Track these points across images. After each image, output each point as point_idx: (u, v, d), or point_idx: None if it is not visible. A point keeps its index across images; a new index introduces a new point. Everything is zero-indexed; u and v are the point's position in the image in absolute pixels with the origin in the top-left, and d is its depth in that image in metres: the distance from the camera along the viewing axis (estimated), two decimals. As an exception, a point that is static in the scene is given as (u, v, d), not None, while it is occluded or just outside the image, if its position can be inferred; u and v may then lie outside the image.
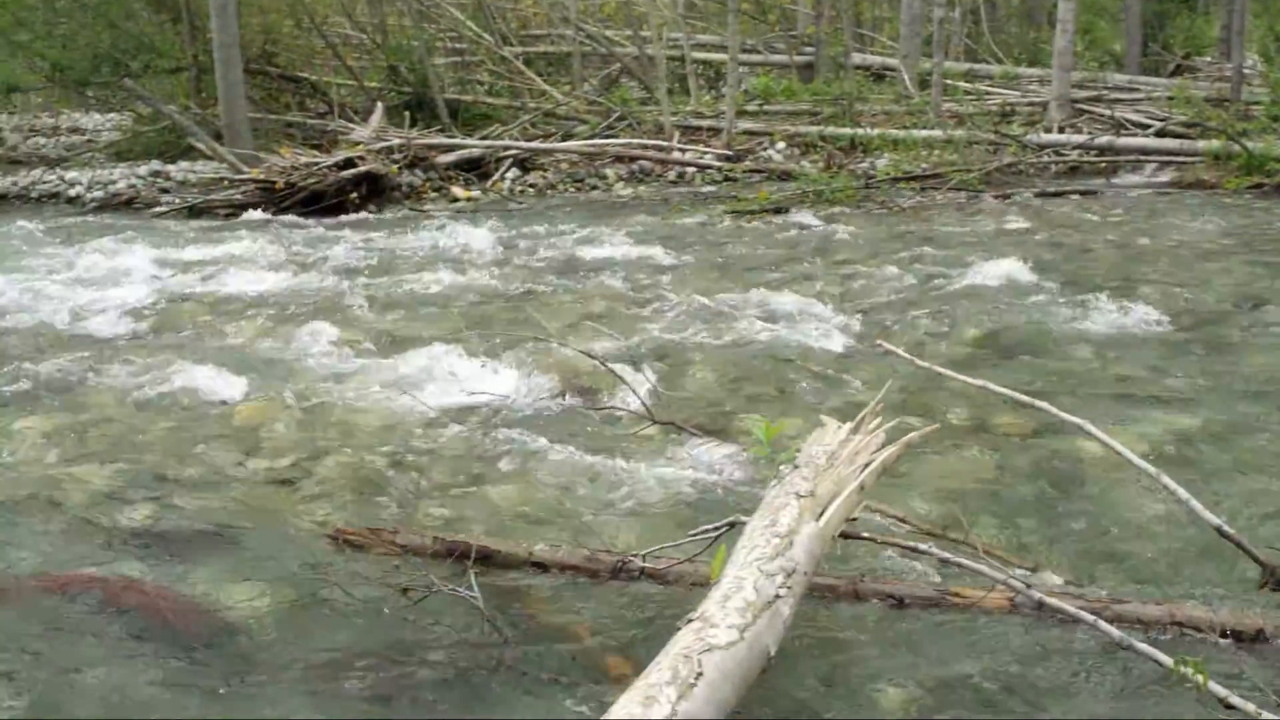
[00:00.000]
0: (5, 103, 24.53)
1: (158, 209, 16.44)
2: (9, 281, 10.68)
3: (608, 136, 19.40)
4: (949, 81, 20.36)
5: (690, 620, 3.05)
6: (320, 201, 15.64)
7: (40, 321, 9.42)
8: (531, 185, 17.60)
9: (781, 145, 18.83)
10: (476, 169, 17.96)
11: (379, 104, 19.61)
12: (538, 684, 4.00)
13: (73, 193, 17.88)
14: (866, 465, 4.13)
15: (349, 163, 16.17)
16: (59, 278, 10.99)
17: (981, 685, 3.92)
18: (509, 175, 17.86)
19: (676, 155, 18.34)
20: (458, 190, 17.02)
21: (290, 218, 15.16)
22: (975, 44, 27.66)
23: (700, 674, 2.78)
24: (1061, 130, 18.13)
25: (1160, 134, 17.77)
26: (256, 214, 15.44)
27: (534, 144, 18.95)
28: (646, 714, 2.59)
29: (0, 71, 22.97)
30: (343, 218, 15.24)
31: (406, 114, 19.61)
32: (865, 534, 4.19)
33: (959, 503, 5.29)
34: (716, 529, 4.11)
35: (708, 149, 18.51)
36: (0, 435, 6.69)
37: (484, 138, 19.27)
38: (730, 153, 18.20)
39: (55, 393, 7.48)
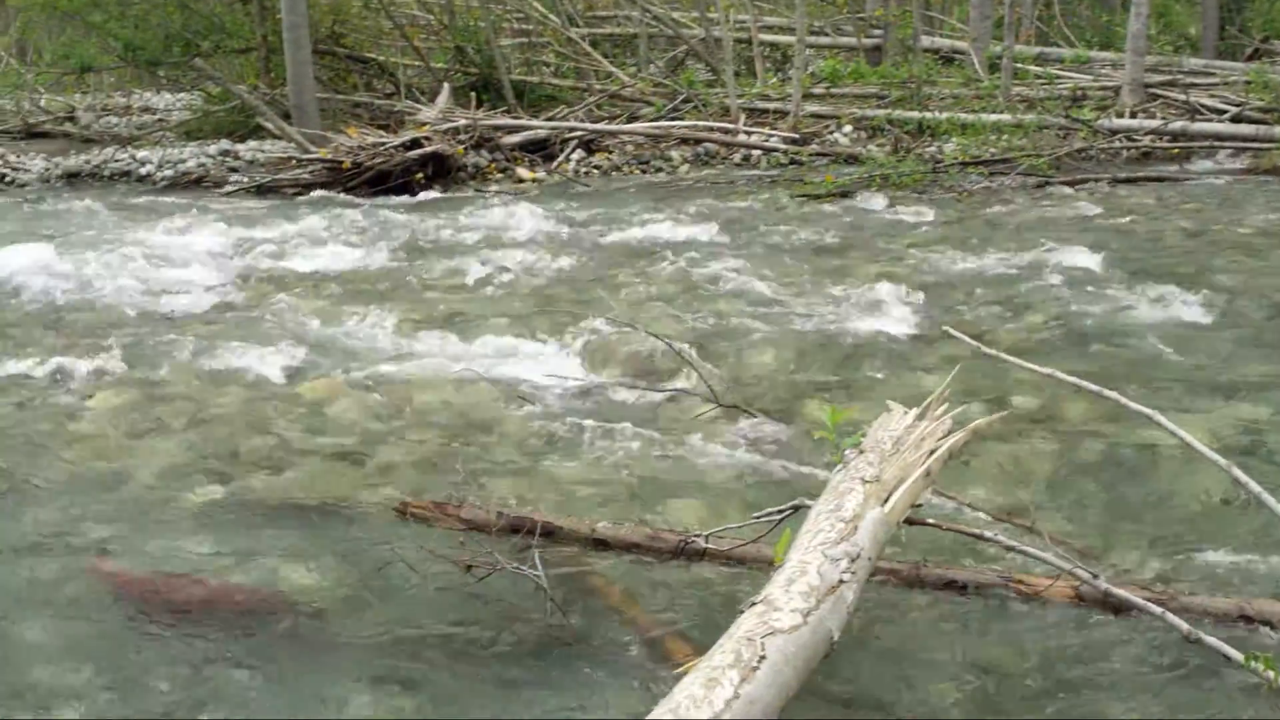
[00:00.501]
0: (79, 82, 24.88)
1: (226, 188, 16.62)
2: (82, 258, 10.83)
3: (673, 119, 19.35)
4: (1019, 65, 20.09)
5: (754, 603, 3.05)
6: (386, 181, 15.73)
7: (111, 298, 9.55)
8: (596, 167, 17.60)
9: (848, 128, 18.69)
10: (542, 150, 17.98)
11: (445, 85, 19.69)
12: (599, 664, 4.02)
13: (143, 171, 18.11)
14: (932, 451, 4.10)
15: (415, 143, 16.25)
16: (130, 255, 11.13)
17: (1043, 676, 3.89)
18: (574, 157, 17.86)
19: (742, 138, 18.25)
20: (523, 171, 17.06)
21: (357, 197, 15.26)
22: (1046, 27, 27.27)
23: (763, 657, 2.78)
24: (1134, 115, 17.84)
25: (1236, 119, 17.43)
26: (323, 193, 15.57)
27: (599, 125, 18.95)
28: (709, 695, 2.60)
29: (74, 52, 23.34)
30: (408, 198, 15.32)
31: (473, 95, 19.66)
32: (930, 520, 4.17)
33: (1024, 491, 5.25)
34: (780, 512, 4.10)
35: (774, 132, 18.41)
36: (72, 409, 6.81)
37: (549, 119, 19.29)
38: (796, 136, 18.08)
39: (125, 368, 7.59)
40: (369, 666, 4.09)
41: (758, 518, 4.22)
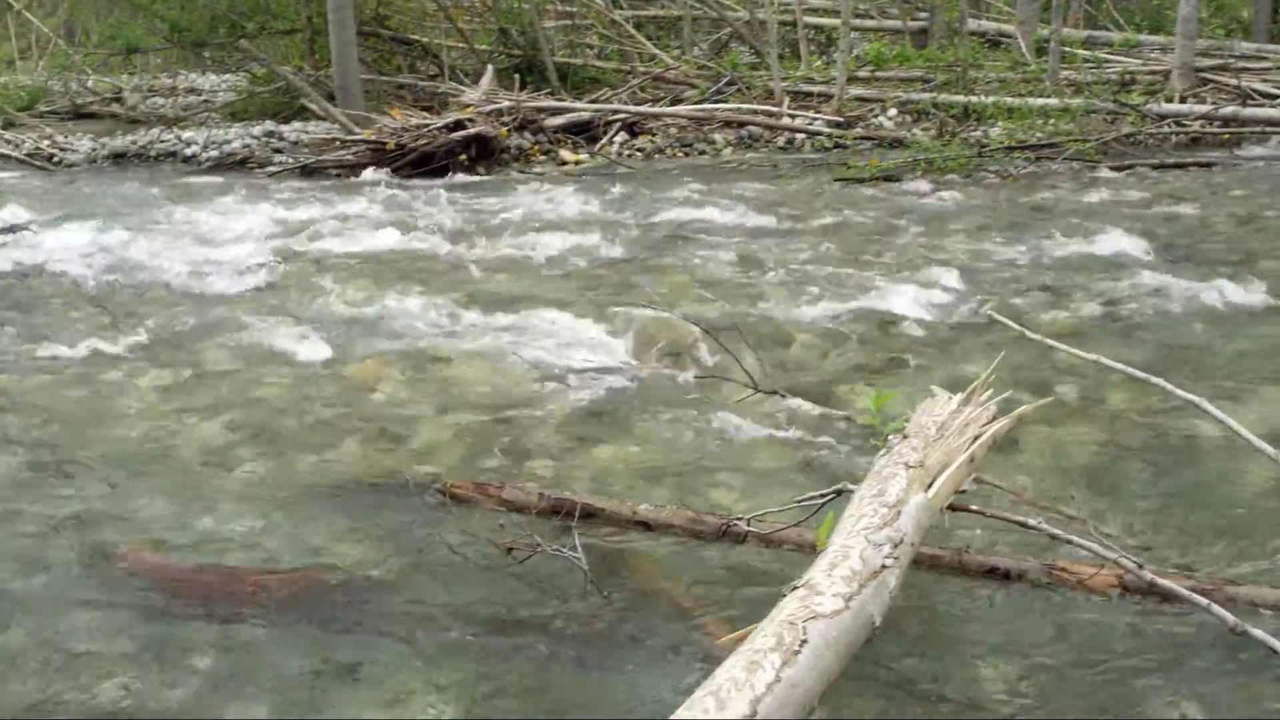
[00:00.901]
0: (126, 64, 25.09)
1: (271, 169, 16.73)
2: (128, 238, 10.94)
3: (717, 101, 19.31)
4: (1067, 49, 19.90)
5: (796, 587, 3.04)
6: (430, 163, 15.79)
7: (157, 277, 9.64)
8: (639, 149, 17.58)
9: (893, 112, 18.59)
10: (585, 132, 17.98)
11: (489, 66, 19.72)
12: (638, 646, 4.02)
13: (189, 152, 18.25)
14: (977, 437, 4.08)
15: (459, 124, 16.29)
16: (175, 235, 11.24)
17: (1085, 666, 3.86)
18: (617, 139, 17.85)
19: (786, 121, 18.18)
20: (566, 153, 17.07)
21: (400, 179, 15.31)
22: (1095, 10, 26.99)
23: (805, 641, 2.77)
24: (1184, 100, 17.62)
25: (1288, 104, 17.22)
26: (367, 174, 15.64)
27: (643, 108, 18.92)
28: (750, 678, 2.59)
29: (121, 33, 23.53)
30: (452, 179, 15.36)
31: (516, 77, 19.67)
32: (973, 507, 4.14)
33: (1069, 479, 5.21)
34: (823, 496, 4.09)
35: (818, 115, 18.33)
36: (118, 388, 6.87)
37: (593, 101, 19.29)
38: (841, 119, 18.00)
39: (171, 347, 7.66)
40: (410, 645, 4.12)
41: (799, 502, 4.21)
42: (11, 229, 10.64)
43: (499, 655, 4.03)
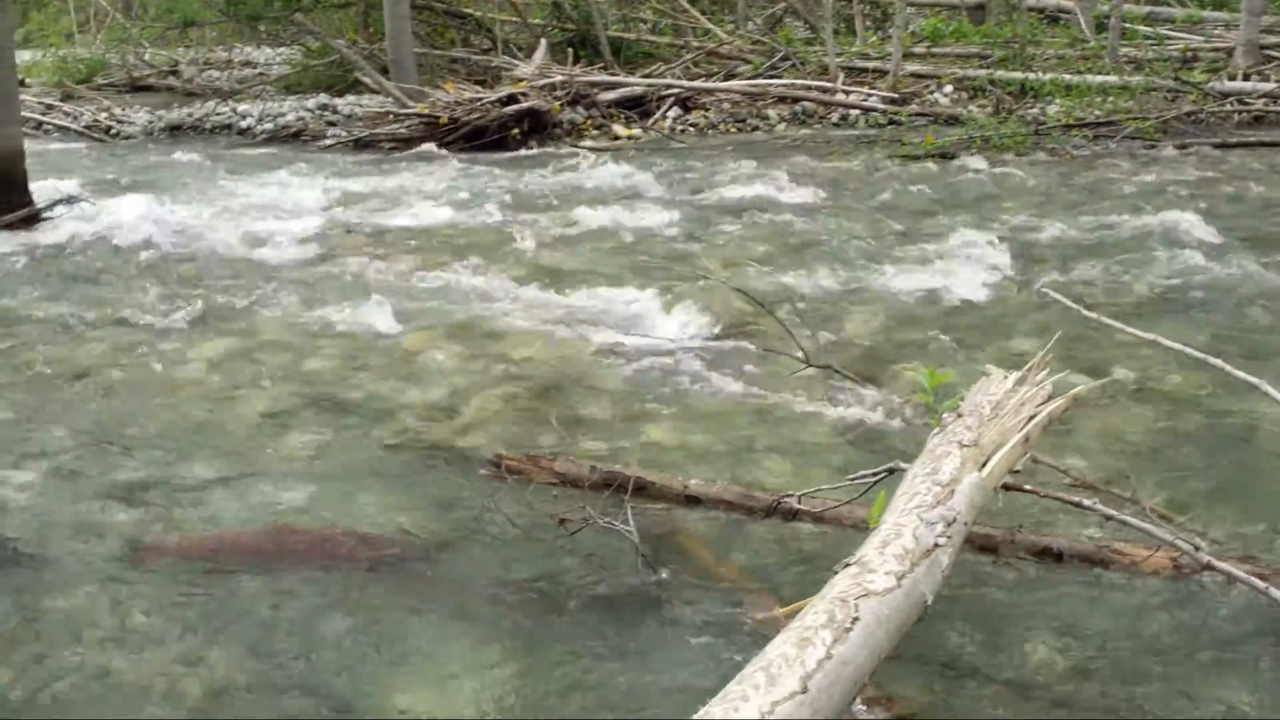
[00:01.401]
0: (182, 37, 25.27)
1: (324, 142, 16.82)
2: (184, 209, 11.04)
3: (771, 77, 19.20)
4: (1127, 25, 19.60)
5: (847, 565, 3.02)
6: (482, 137, 15.81)
7: (213, 249, 9.73)
8: (693, 125, 17.52)
9: (949, 89, 18.40)
10: (638, 107, 17.93)
11: (542, 40, 19.70)
12: (688, 620, 4.03)
13: (244, 125, 18.38)
14: (1032, 417, 4.03)
15: (511, 99, 16.30)
16: (230, 207, 11.33)
17: (1138, 647, 3.83)
18: (670, 114, 17.79)
19: (840, 97, 18.05)
20: (619, 128, 17.04)
21: (453, 152, 15.34)
22: (1156, -14, 26.53)
23: (856, 619, 2.76)
24: (1247, 78, 17.30)
25: (1356, 83, 16.87)
26: (420, 148, 15.68)
27: (696, 83, 18.84)
28: (801, 655, 2.58)
29: (178, 6, 23.69)
30: (504, 153, 15.38)
31: (569, 51, 19.65)
32: (1027, 486, 4.10)
33: (1124, 460, 5.15)
34: (875, 474, 4.06)
35: (873, 91, 18.17)
36: (175, 358, 6.95)
37: (646, 76, 19.23)
38: (896, 95, 17.83)
39: (226, 318, 7.74)
40: (464, 613, 4.16)
41: (852, 479, 4.19)
42: (70, 200, 10.74)
43: (548, 627, 4.05)
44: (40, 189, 10.93)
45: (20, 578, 4.43)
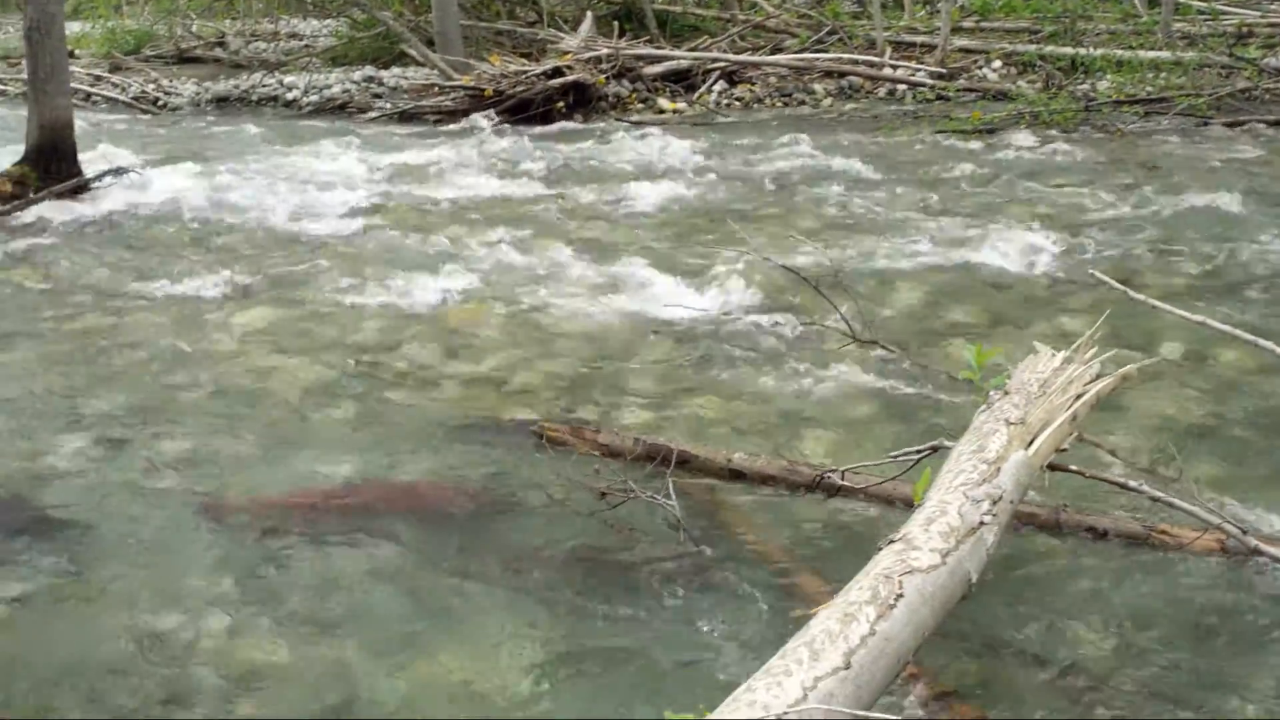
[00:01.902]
0: (229, 8, 25.36)
1: (370, 114, 16.86)
2: (230, 180, 11.11)
3: (817, 51, 19.06)
4: (1181, 0, 19.32)
5: (892, 541, 3.01)
6: (528, 110, 15.80)
7: (260, 219, 9.78)
8: (738, 99, 17.42)
9: (997, 64, 18.20)
10: (683, 81, 17.84)
11: (588, 13, 19.61)
12: (729, 594, 4.03)
13: (290, 96, 18.44)
14: (1079, 396, 3.99)
15: (557, 71, 16.26)
16: (276, 178, 11.38)
17: (1183, 630, 3.80)
18: (716, 88, 17.69)
19: (888, 72, 17.90)
20: (664, 102, 16.98)
21: (498, 125, 15.34)
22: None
23: (900, 595, 2.75)
24: (1303, 54, 17.03)
25: None
26: (465, 121, 15.68)
27: (742, 57, 18.73)
28: (845, 630, 2.58)
29: (227, -24, 23.75)
30: (549, 126, 15.36)
31: (615, 24, 19.57)
32: (1073, 466, 4.07)
33: (1172, 441, 5.09)
34: (919, 451, 4.04)
35: (920, 66, 18.00)
36: (221, 327, 7.00)
37: (692, 49, 19.14)
38: (944, 70, 17.66)
39: (272, 288, 7.80)
40: (506, 580, 4.19)
41: (896, 455, 4.16)
42: (118, 171, 10.83)
43: (588, 593, 4.06)
44: (89, 159, 11.01)
45: (70, 543, 4.49)
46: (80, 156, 10.78)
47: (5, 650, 3.84)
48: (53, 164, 10.42)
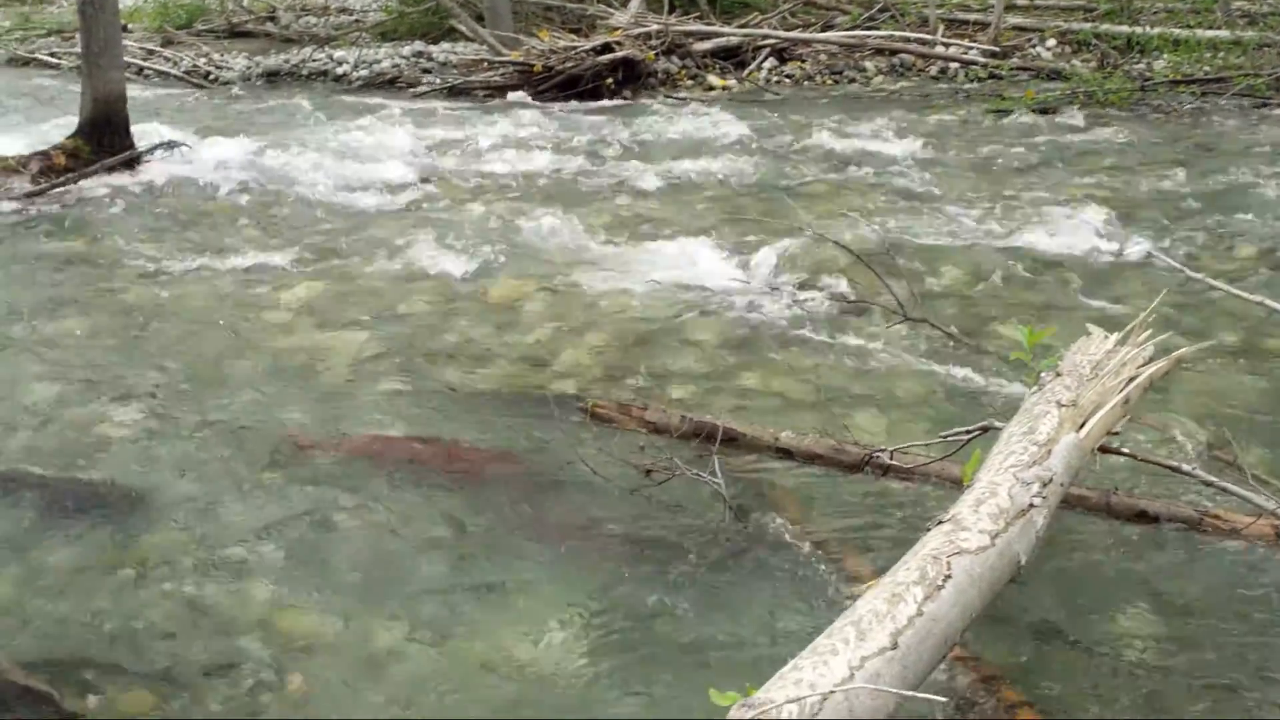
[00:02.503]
0: (279, -19, 25.43)
1: (419, 89, 16.86)
2: (279, 155, 11.14)
3: (869, 28, 18.88)
4: (1241, -22, 19.00)
5: (940, 522, 2.99)
6: (576, 86, 15.75)
7: (308, 194, 9.82)
8: (788, 76, 17.30)
9: (1052, 42, 17.96)
10: (733, 58, 17.73)
11: (638, -11, 19.55)
12: (775, 573, 4.02)
13: (340, 71, 18.47)
14: (1132, 379, 3.94)
15: (606, 47, 16.21)
16: (325, 153, 11.41)
17: (1234, 616, 3.75)
18: (765, 65, 17.57)
19: (940, 50, 17.71)
20: (713, 79, 16.88)
21: (547, 101, 15.33)
22: (1272, -62, 25.69)
23: (948, 576, 2.73)
24: (1366, 34, 16.71)
25: None
26: (514, 96, 15.67)
27: (793, 34, 18.59)
28: (892, 610, 2.56)
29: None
30: (598, 103, 15.31)
31: (665, 0, 19.48)
32: (1125, 450, 4.02)
33: (1225, 425, 5.02)
34: (969, 432, 4.00)
35: (973, 44, 17.79)
36: (269, 301, 7.04)
37: (742, 26, 19.00)
38: (997, 49, 17.45)
39: (320, 262, 7.82)
40: (553, 552, 4.21)
41: (946, 436, 4.13)
42: (169, 144, 10.89)
43: (634, 568, 4.06)
44: (141, 132, 11.09)
45: (120, 511, 4.53)
46: (132, 129, 10.86)
47: (58, 615, 3.89)
48: (105, 137, 10.49)
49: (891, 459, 4.37)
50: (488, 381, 5.78)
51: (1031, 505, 3.11)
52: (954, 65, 17.26)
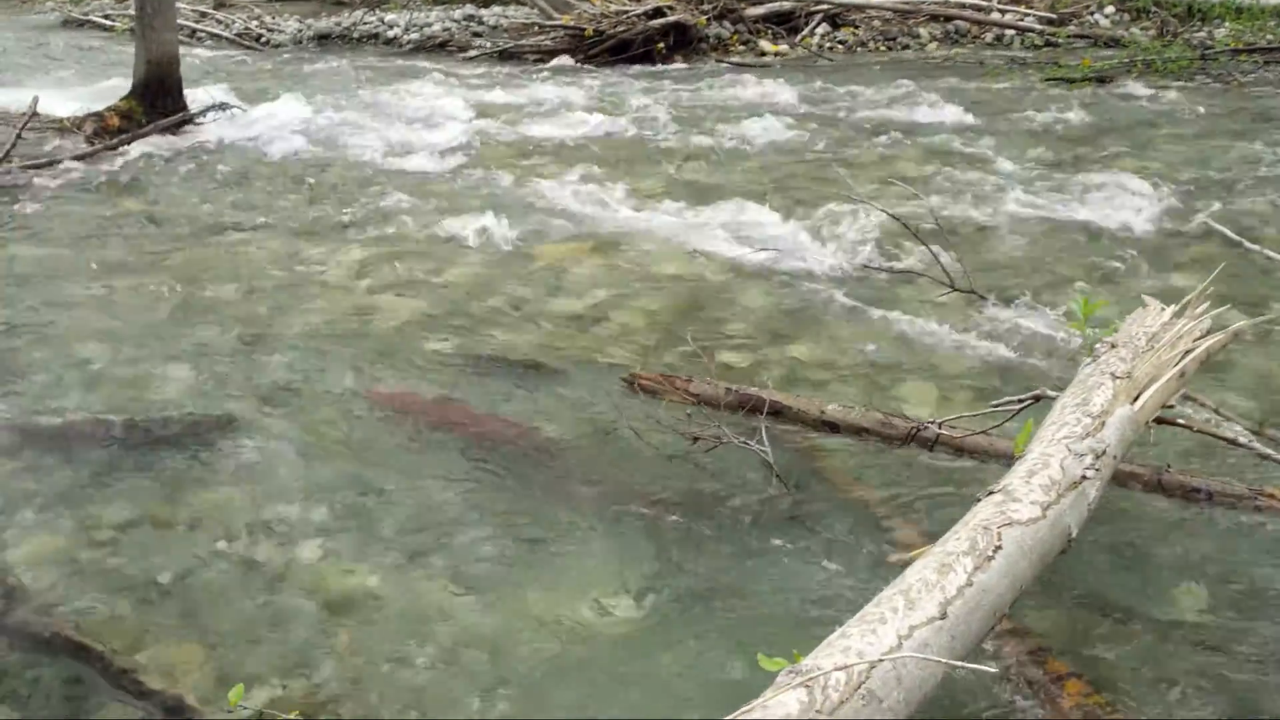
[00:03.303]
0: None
1: (470, 52, 16.86)
2: (330, 117, 11.19)
3: (923, -6, 18.69)
4: (1305, -55, 18.64)
5: (991, 493, 2.96)
6: (627, 50, 15.70)
7: (358, 156, 9.85)
8: (841, 42, 17.15)
9: (1110, 9, 17.71)
10: (786, 23, 17.60)
11: (691, -47, 19.41)
12: (822, 541, 4.00)
13: (391, 34, 18.50)
14: (1188, 352, 3.89)
15: (658, 12, 16.13)
16: (376, 115, 11.44)
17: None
18: (818, 31, 17.44)
19: (996, 16, 17.50)
20: (765, 44, 16.77)
21: (598, 65, 15.27)
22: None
23: (999, 547, 2.71)
24: None
25: None
26: (565, 60, 15.64)
27: None
28: (941, 580, 2.54)
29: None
30: (649, 67, 15.25)
31: (717, -35, 19.35)
32: (1180, 421, 3.96)
33: (1283, 400, 4.96)
34: (1020, 401, 3.96)
35: (1030, 11, 17.57)
36: (319, 263, 7.08)
37: (795, -9, 18.85)
38: (1054, 16, 17.23)
39: (369, 225, 7.85)
40: (603, 511, 4.23)
41: (996, 406, 4.09)
42: (222, 106, 10.96)
43: (682, 531, 4.07)
44: (193, 95, 11.15)
45: (173, 469, 4.58)
46: (185, 91, 10.92)
47: (111, 569, 3.94)
48: (158, 99, 10.57)
49: (940, 430, 4.33)
50: (534, 345, 5.79)
51: (1084, 477, 3.08)
52: (1009, 32, 17.06)
